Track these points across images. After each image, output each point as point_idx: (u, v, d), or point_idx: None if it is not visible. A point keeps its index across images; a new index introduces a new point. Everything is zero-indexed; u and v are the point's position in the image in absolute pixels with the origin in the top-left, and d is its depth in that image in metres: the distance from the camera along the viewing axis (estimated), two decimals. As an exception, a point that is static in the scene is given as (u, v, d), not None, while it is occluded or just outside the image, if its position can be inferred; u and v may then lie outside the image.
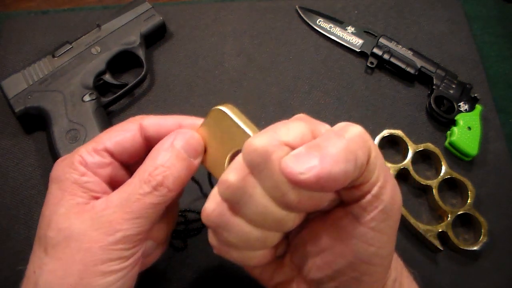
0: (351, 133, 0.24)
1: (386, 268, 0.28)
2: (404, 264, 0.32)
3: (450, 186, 0.48)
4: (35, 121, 0.49)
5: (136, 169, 0.29)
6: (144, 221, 0.27)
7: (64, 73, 0.49)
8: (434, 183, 0.47)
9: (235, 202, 0.25)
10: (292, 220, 0.26)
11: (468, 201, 0.46)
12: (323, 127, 0.26)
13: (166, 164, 0.28)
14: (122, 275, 0.27)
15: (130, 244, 0.27)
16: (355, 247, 0.26)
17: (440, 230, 0.44)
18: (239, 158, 0.25)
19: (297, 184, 0.23)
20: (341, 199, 0.27)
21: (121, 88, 0.51)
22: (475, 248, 0.44)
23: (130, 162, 0.31)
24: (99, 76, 0.50)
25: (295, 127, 0.25)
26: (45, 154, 0.48)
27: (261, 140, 0.24)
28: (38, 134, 0.50)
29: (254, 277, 0.32)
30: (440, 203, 0.46)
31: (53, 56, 0.50)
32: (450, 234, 0.44)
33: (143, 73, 0.52)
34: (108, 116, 0.50)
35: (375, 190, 0.25)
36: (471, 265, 0.44)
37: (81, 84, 0.49)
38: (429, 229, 0.44)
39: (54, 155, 0.46)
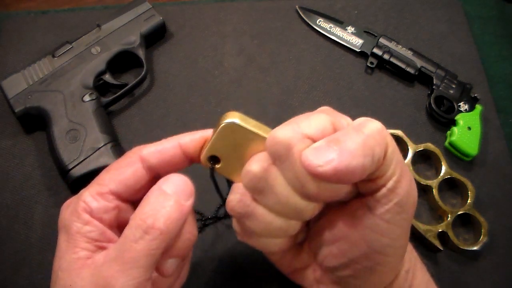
0: (370, 128, 0.25)
1: (399, 259, 0.29)
2: (418, 256, 0.33)
3: (450, 186, 0.48)
4: (35, 121, 0.49)
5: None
6: (139, 271, 0.26)
7: (64, 73, 0.49)
8: (434, 183, 0.47)
9: (258, 192, 0.27)
10: (311, 209, 0.27)
11: (468, 201, 0.46)
12: (345, 120, 0.27)
13: (156, 207, 0.27)
14: None
15: None
16: (369, 238, 0.27)
17: (440, 230, 0.44)
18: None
19: (315, 175, 0.24)
20: (358, 191, 0.28)
21: (121, 88, 0.51)
22: (475, 248, 0.44)
23: (136, 198, 0.30)
24: (99, 76, 0.50)
25: (317, 120, 0.26)
26: (45, 154, 0.48)
27: (284, 132, 0.25)
28: (38, 134, 0.50)
29: (273, 263, 0.34)
30: (440, 203, 0.46)
31: (53, 56, 0.50)
32: (450, 234, 0.44)
33: (143, 73, 0.52)
34: (108, 116, 0.50)
35: (390, 184, 0.26)
36: (471, 265, 0.44)
37: (81, 84, 0.49)
38: (429, 229, 0.44)
39: (54, 155, 0.46)
